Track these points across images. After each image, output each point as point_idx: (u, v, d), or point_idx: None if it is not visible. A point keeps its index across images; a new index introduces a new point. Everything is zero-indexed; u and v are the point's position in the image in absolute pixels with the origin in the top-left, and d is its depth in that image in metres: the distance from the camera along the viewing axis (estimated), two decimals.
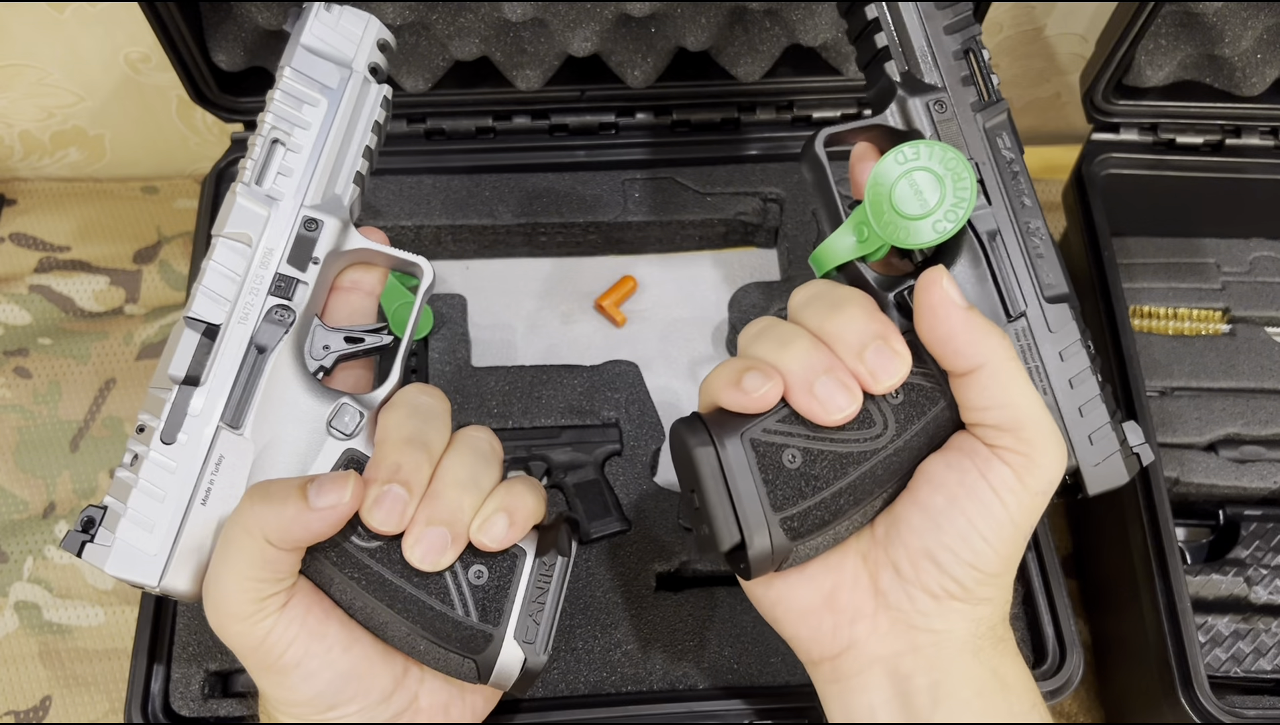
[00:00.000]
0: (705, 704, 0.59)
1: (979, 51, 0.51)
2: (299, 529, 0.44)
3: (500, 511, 0.46)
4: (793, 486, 0.45)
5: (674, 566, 0.63)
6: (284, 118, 0.50)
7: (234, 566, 0.44)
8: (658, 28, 0.70)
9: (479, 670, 0.47)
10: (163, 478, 0.47)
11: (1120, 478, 0.49)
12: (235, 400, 0.48)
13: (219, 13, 0.66)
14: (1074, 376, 0.48)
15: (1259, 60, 0.71)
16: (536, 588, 0.48)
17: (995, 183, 0.50)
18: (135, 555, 0.46)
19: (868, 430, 0.45)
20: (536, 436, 0.67)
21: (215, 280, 0.48)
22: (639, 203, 0.75)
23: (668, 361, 0.74)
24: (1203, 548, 0.69)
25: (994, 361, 0.44)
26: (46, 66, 0.82)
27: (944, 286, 0.44)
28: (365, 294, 0.53)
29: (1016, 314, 0.48)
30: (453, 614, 0.46)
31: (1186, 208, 0.77)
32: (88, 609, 0.73)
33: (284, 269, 0.49)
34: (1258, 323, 0.76)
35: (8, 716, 0.70)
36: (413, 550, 0.45)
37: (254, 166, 0.49)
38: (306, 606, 0.45)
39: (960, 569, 0.44)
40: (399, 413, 0.48)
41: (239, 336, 0.48)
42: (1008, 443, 0.44)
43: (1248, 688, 0.66)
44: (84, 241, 0.86)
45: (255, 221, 0.49)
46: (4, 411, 0.79)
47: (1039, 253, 0.49)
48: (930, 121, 0.50)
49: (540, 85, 0.72)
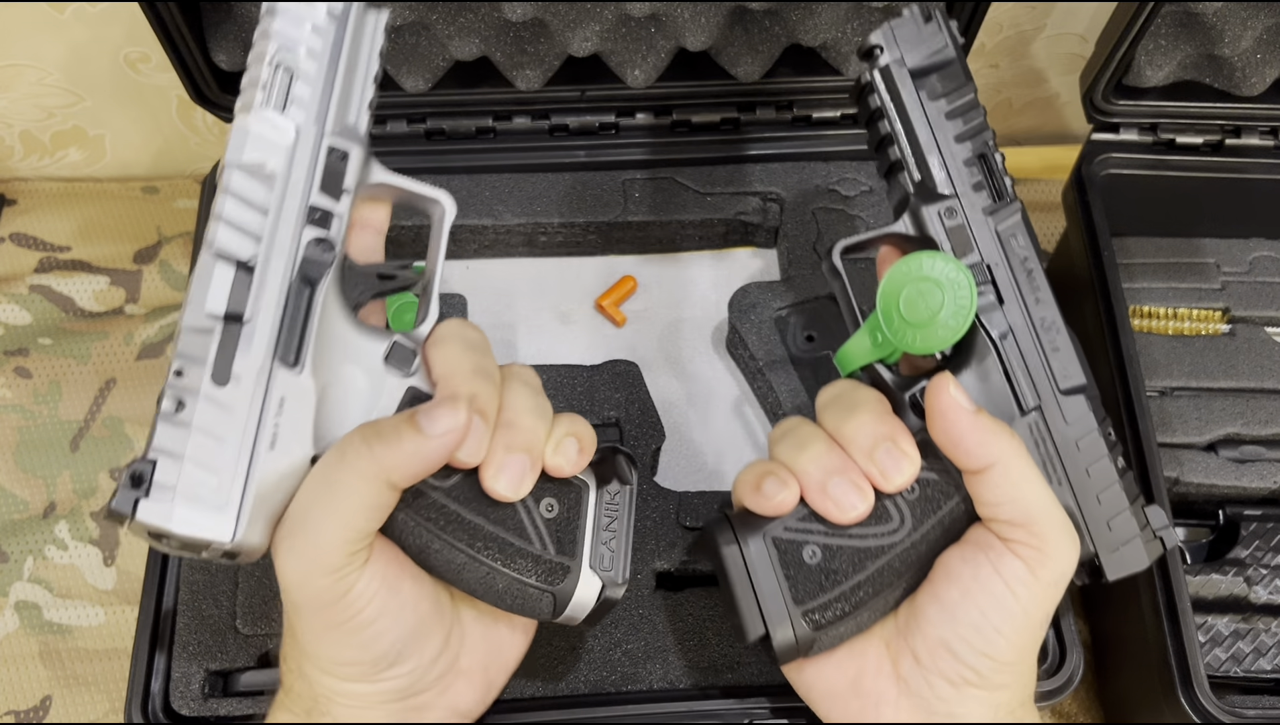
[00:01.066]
0: (705, 704, 0.59)
1: (991, 155, 0.52)
2: (418, 462, 0.43)
3: (570, 436, 0.47)
4: (814, 581, 0.48)
5: (674, 566, 0.63)
6: (289, 42, 0.46)
7: (338, 512, 0.42)
8: (658, 28, 0.70)
9: (556, 603, 0.47)
10: (220, 419, 0.42)
11: (1141, 563, 0.51)
12: (287, 337, 0.44)
13: (219, 13, 0.66)
14: (1091, 465, 0.50)
15: (1259, 60, 0.71)
16: (606, 516, 0.49)
17: (1009, 282, 0.51)
18: (202, 507, 0.41)
19: (885, 525, 0.48)
20: None
21: (237, 212, 0.45)
22: (639, 203, 0.75)
23: (668, 361, 0.74)
24: (1203, 548, 0.69)
25: (1004, 460, 0.46)
26: (46, 66, 0.82)
27: (950, 393, 0.46)
28: (375, 232, 0.52)
29: (1029, 409, 0.50)
30: (531, 548, 0.46)
31: (1186, 208, 0.77)
32: (88, 609, 0.73)
33: (316, 200, 0.46)
34: (1258, 323, 0.76)
35: (8, 716, 0.70)
36: (497, 479, 0.45)
37: (265, 93, 0.45)
38: (386, 560, 0.45)
39: (975, 658, 0.46)
40: (455, 346, 0.48)
41: (278, 270, 0.45)
42: (1020, 537, 0.46)
43: (1247, 688, 0.66)
44: (84, 241, 0.86)
45: (276, 149, 0.46)
46: (4, 411, 0.79)
47: (1054, 347, 0.51)
48: (942, 227, 0.52)
49: (540, 85, 0.72)
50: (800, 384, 0.69)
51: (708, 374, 0.74)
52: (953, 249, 0.52)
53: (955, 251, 0.52)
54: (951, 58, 0.53)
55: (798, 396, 0.69)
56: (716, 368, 0.74)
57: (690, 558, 0.63)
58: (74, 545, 0.75)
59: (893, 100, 0.53)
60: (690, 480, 0.70)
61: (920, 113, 0.52)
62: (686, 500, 0.65)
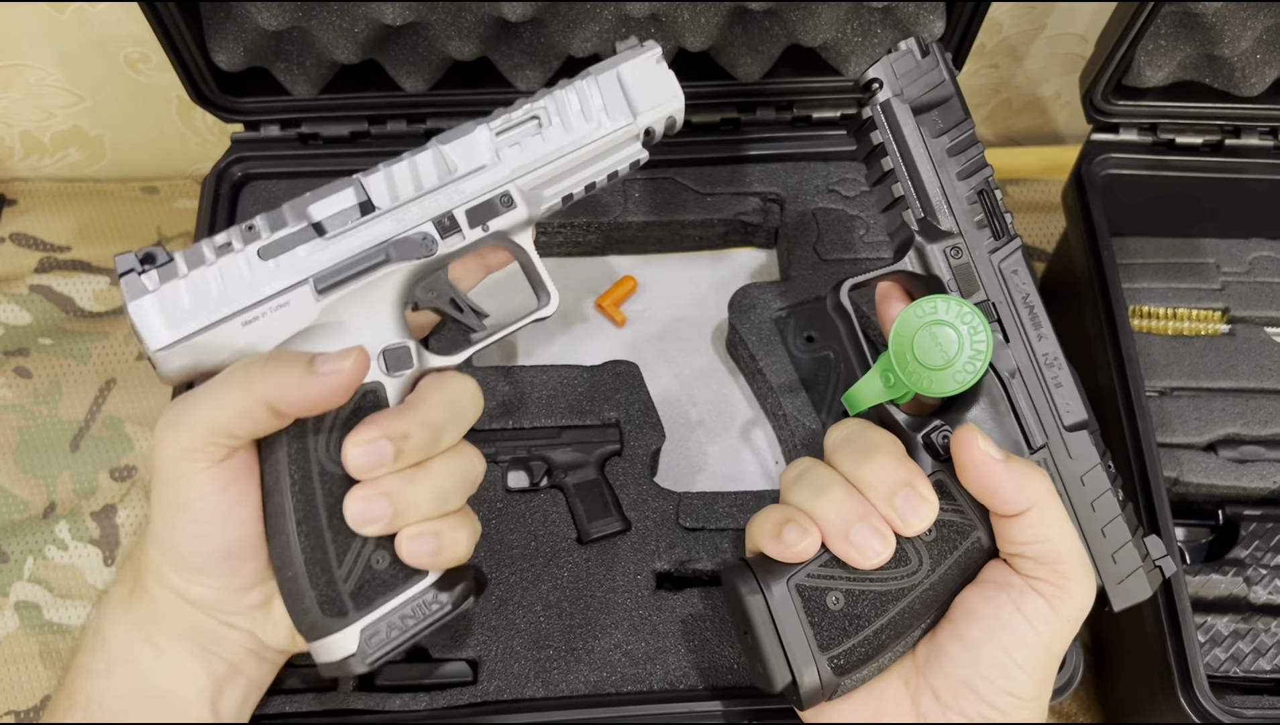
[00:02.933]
0: (705, 704, 0.59)
1: (990, 192, 0.52)
2: (294, 390, 0.45)
3: (435, 536, 0.47)
4: (837, 627, 0.48)
5: (674, 566, 0.63)
6: (560, 108, 0.52)
7: (216, 401, 0.45)
8: (658, 28, 0.70)
9: (314, 628, 0.47)
10: (235, 278, 0.47)
11: (1143, 593, 0.51)
12: (337, 272, 0.48)
13: (219, 13, 0.66)
14: (1095, 499, 0.51)
15: (1258, 60, 0.71)
16: (414, 610, 0.48)
17: (1012, 319, 0.52)
18: (159, 315, 0.46)
19: (904, 568, 0.49)
20: (536, 436, 0.67)
21: (403, 174, 0.50)
22: (639, 203, 0.75)
23: (668, 361, 0.75)
24: (1202, 548, 0.69)
25: (1040, 503, 0.47)
26: (46, 66, 0.82)
27: (980, 446, 0.47)
28: (483, 268, 0.56)
29: (1037, 447, 0.51)
30: (335, 571, 0.47)
31: (1186, 208, 0.77)
32: (88, 609, 0.73)
33: (459, 214, 0.51)
34: (1257, 323, 0.76)
35: (8, 716, 0.70)
36: (353, 503, 0.46)
37: (505, 121, 0.51)
38: (234, 475, 0.46)
39: (997, 696, 0.47)
40: (442, 397, 0.49)
41: (384, 229, 0.49)
42: (1044, 574, 0.47)
43: (1247, 688, 0.66)
44: (84, 241, 0.86)
45: (471, 159, 0.51)
46: (4, 411, 0.79)
47: (1057, 382, 0.51)
48: (948, 266, 0.52)
49: (540, 85, 0.72)
50: (800, 384, 0.69)
51: (708, 374, 0.74)
52: (959, 288, 0.52)
53: (961, 290, 0.52)
54: (950, 93, 0.52)
55: (797, 397, 0.69)
56: (716, 368, 0.74)
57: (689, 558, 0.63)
58: (74, 545, 0.75)
59: (894, 136, 0.52)
60: (690, 481, 0.70)
61: (923, 149, 0.52)
62: (686, 500, 0.65)
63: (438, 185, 0.50)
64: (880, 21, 0.71)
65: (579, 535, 0.64)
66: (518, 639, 0.60)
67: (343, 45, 0.68)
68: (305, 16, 0.67)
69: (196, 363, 0.47)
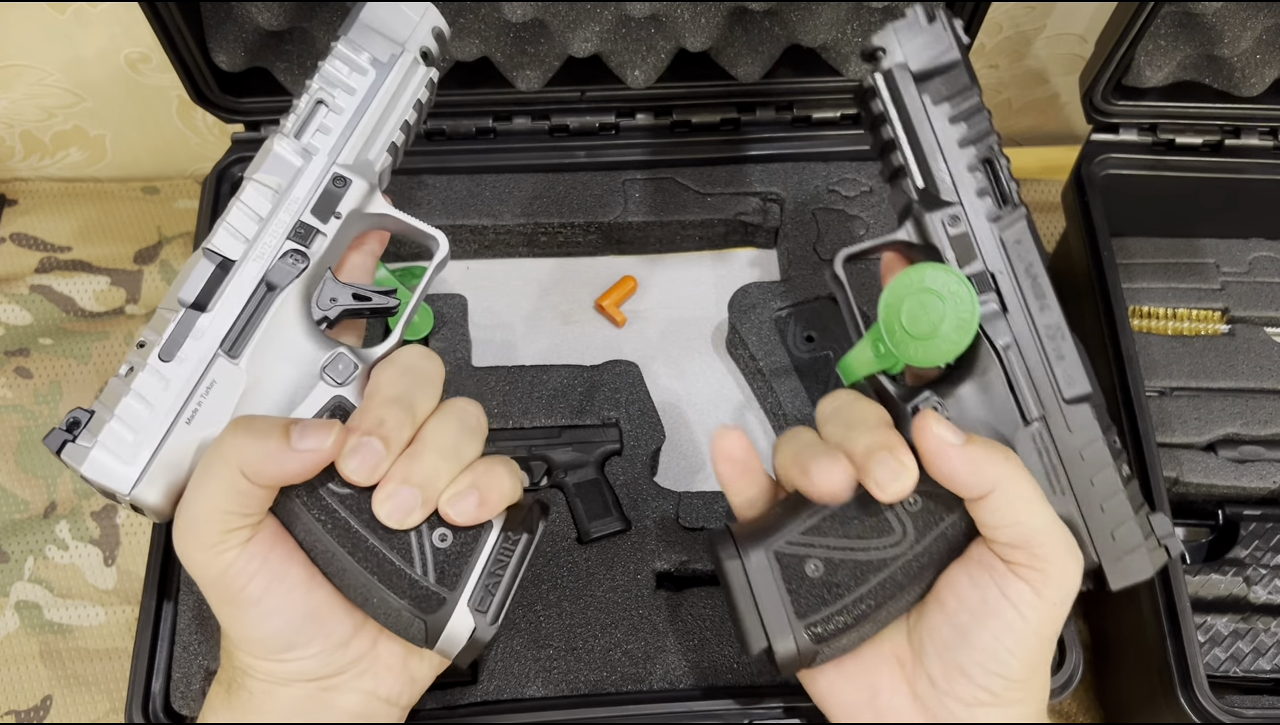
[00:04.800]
0: (705, 704, 0.59)
1: (996, 161, 0.51)
2: (275, 466, 0.44)
3: (473, 489, 0.47)
4: (816, 594, 0.48)
5: (674, 566, 0.63)
6: (331, 80, 0.52)
7: (206, 493, 0.45)
8: (658, 28, 0.70)
9: (427, 631, 0.47)
10: (154, 391, 0.48)
11: (1145, 572, 0.50)
12: (237, 331, 0.49)
13: (219, 13, 0.67)
14: (1095, 475, 0.49)
15: (1258, 60, 0.71)
16: (497, 560, 0.48)
17: (1013, 290, 0.51)
18: (112, 462, 0.47)
19: (887, 537, 0.48)
20: (536, 436, 0.67)
21: (239, 218, 0.50)
22: (639, 203, 0.75)
23: (668, 361, 0.75)
24: (1202, 548, 0.69)
25: (1000, 485, 0.46)
26: (47, 67, 0.82)
27: (935, 432, 0.46)
28: (368, 254, 0.55)
29: (1032, 419, 0.50)
30: (410, 571, 0.47)
31: (1186, 208, 0.77)
32: (88, 609, 0.73)
33: (306, 217, 0.51)
34: (1257, 323, 0.76)
35: (8, 716, 0.70)
36: (382, 505, 0.46)
37: (296, 120, 0.52)
38: (270, 545, 0.46)
39: (989, 679, 0.46)
40: (392, 371, 0.49)
41: (252, 272, 0.50)
42: (1021, 559, 0.46)
43: (1247, 687, 0.66)
44: (85, 242, 0.86)
45: (287, 170, 0.51)
46: (5, 411, 0.79)
47: (1059, 355, 0.50)
48: (945, 235, 0.51)
49: (540, 86, 0.72)
50: (800, 384, 0.69)
51: (708, 374, 0.74)
52: (956, 257, 0.51)
53: (959, 260, 0.51)
54: (956, 60, 0.52)
55: (797, 396, 0.69)
56: (716, 368, 0.74)
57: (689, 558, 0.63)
58: (74, 545, 0.75)
59: (895, 105, 0.52)
60: (690, 480, 0.70)
61: (924, 117, 0.51)
62: (686, 500, 0.65)
63: (273, 209, 0.51)
64: (880, 21, 0.71)
65: (579, 535, 0.64)
66: (518, 639, 0.60)
67: None
68: (305, 16, 0.67)
69: (171, 482, 0.47)
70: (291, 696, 0.47)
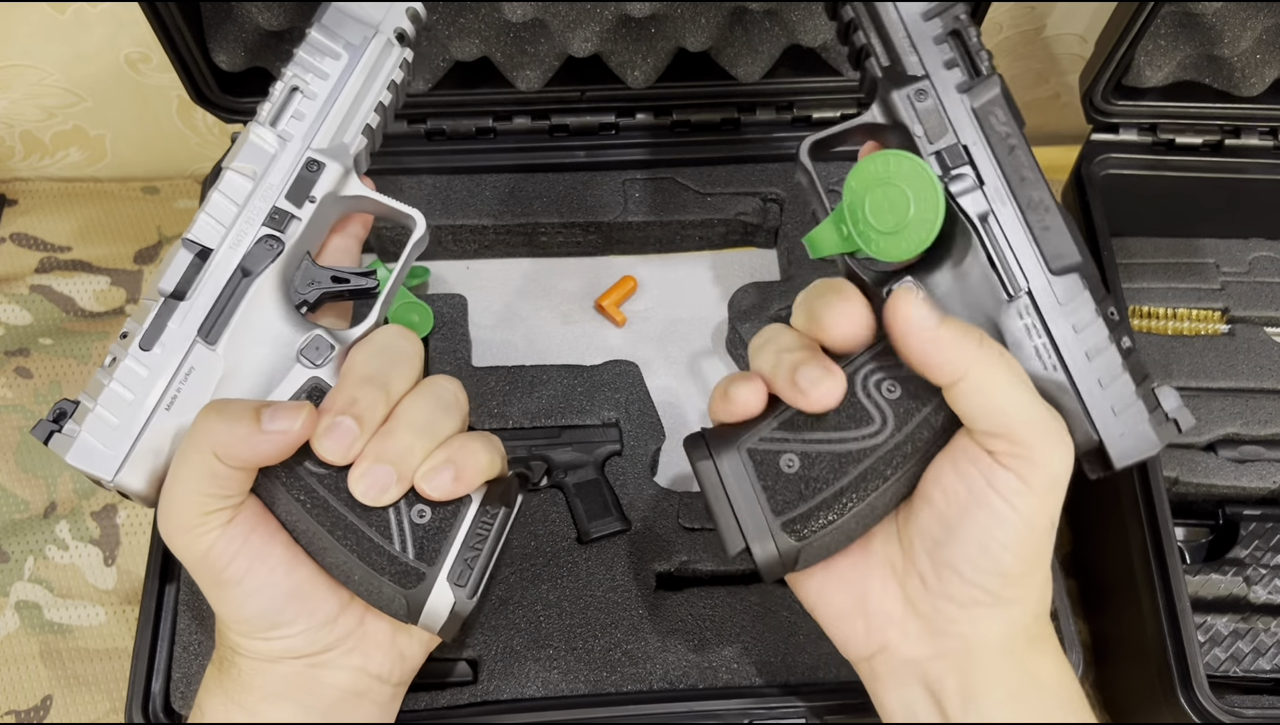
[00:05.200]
0: (705, 704, 0.59)
1: (965, 30, 0.49)
2: (247, 449, 0.45)
3: (448, 463, 0.47)
4: (792, 490, 0.46)
5: (674, 566, 0.63)
6: (305, 67, 0.53)
7: (183, 478, 0.45)
8: (658, 28, 0.70)
9: (409, 606, 0.47)
10: (134, 381, 0.49)
11: (1150, 447, 0.47)
12: (214, 317, 0.50)
13: (219, 13, 0.67)
14: (1090, 348, 0.47)
15: (1258, 60, 0.71)
16: (476, 534, 0.48)
17: (988, 161, 0.49)
18: (96, 449, 0.48)
19: (866, 428, 0.46)
20: (536, 436, 0.67)
21: (217, 207, 0.51)
22: (639, 203, 0.75)
23: (668, 361, 0.75)
24: (1202, 547, 0.70)
25: (972, 372, 0.44)
26: (47, 66, 0.82)
27: (903, 314, 0.45)
28: (353, 239, 0.56)
29: (1016, 293, 0.47)
30: (389, 548, 0.47)
31: (1186, 208, 0.77)
32: (88, 609, 0.73)
33: (281, 203, 0.52)
34: (1257, 323, 0.76)
35: (8, 716, 0.70)
36: (357, 483, 0.46)
37: (270, 108, 0.52)
38: (251, 525, 0.47)
39: (982, 577, 0.45)
40: (367, 350, 0.49)
41: (229, 260, 0.51)
42: (1003, 448, 0.44)
43: (1247, 687, 0.66)
44: (85, 242, 0.86)
45: (262, 157, 0.52)
46: (5, 411, 0.79)
47: (1044, 225, 0.48)
48: (913, 111, 0.49)
49: (540, 86, 0.72)
50: None
51: (708, 374, 0.74)
52: (925, 132, 0.49)
53: (929, 135, 0.49)
54: None
55: None
56: (716, 368, 0.74)
57: (690, 558, 0.63)
58: (74, 545, 0.75)
59: None
60: (690, 481, 0.70)
61: None
62: (686, 500, 0.65)
63: (249, 195, 0.51)
64: None
65: (579, 535, 0.64)
66: (518, 639, 0.60)
67: None
68: (305, 16, 0.67)
69: (154, 467, 0.48)
70: (280, 674, 0.48)
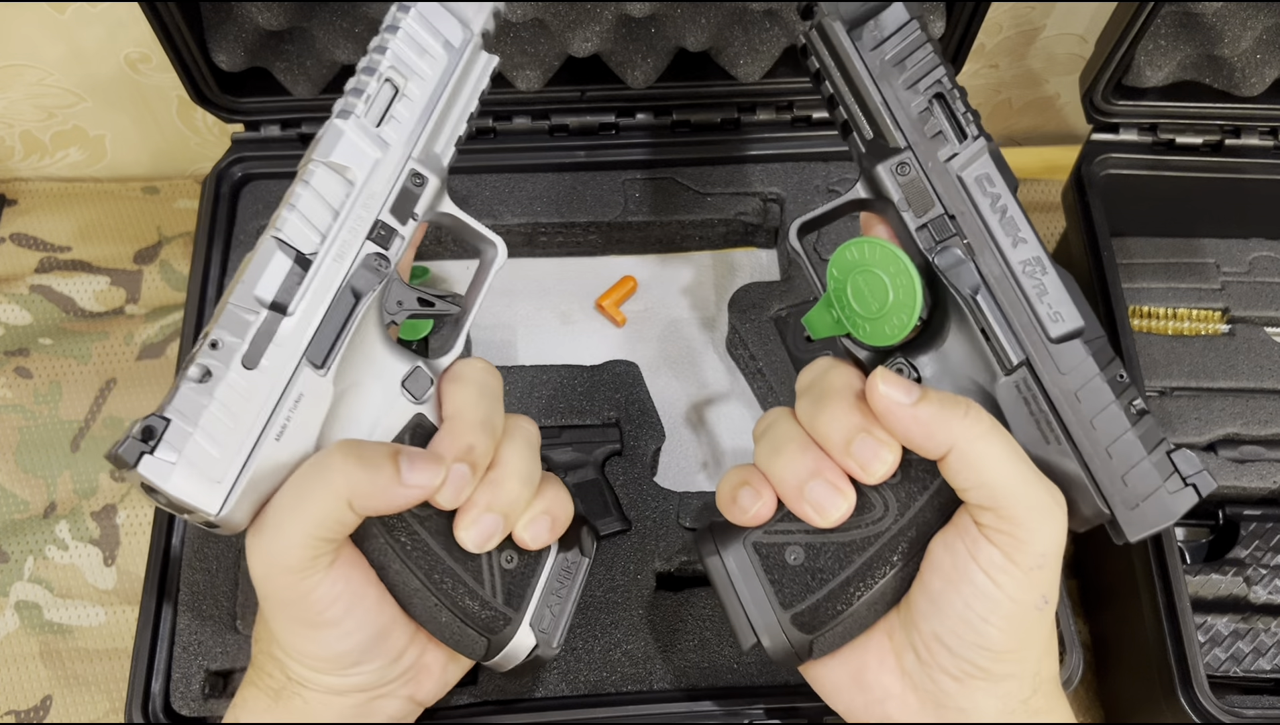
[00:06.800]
0: (705, 704, 0.59)
1: (949, 95, 0.48)
2: (383, 500, 0.44)
3: (545, 514, 0.48)
4: (799, 582, 0.47)
5: (674, 566, 0.63)
6: (403, 62, 0.47)
7: (304, 519, 0.43)
8: (658, 28, 0.70)
9: (490, 647, 0.48)
10: (239, 402, 0.43)
11: (1165, 517, 0.45)
12: (322, 340, 0.45)
13: (219, 13, 0.66)
14: (1095, 416, 0.45)
15: (1258, 60, 0.71)
16: (558, 581, 0.49)
17: (978, 230, 0.47)
18: (200, 477, 0.42)
19: (868, 514, 0.46)
20: None
21: (312, 206, 0.45)
22: (639, 203, 0.75)
23: (668, 361, 0.75)
24: (1202, 547, 0.70)
25: (959, 446, 0.43)
26: (47, 66, 0.82)
27: (880, 392, 0.44)
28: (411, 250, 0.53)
29: (1012, 366, 0.46)
30: (482, 592, 0.47)
31: (1186, 208, 0.77)
32: (88, 609, 0.73)
33: (386, 217, 0.47)
34: (1257, 323, 0.76)
35: (8, 716, 0.70)
36: (467, 531, 0.46)
37: (369, 103, 0.47)
38: (351, 566, 0.46)
39: (969, 650, 0.44)
40: (471, 391, 0.48)
41: (333, 273, 0.46)
42: (990, 522, 0.43)
43: (1247, 687, 0.66)
44: (85, 242, 0.86)
45: (363, 160, 0.47)
46: (5, 411, 0.79)
47: (1040, 290, 0.46)
48: (895, 185, 0.48)
49: (540, 86, 0.72)
50: None
51: (708, 374, 0.74)
52: (911, 206, 0.47)
53: (915, 208, 0.47)
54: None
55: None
56: (716, 368, 0.74)
57: (690, 558, 0.63)
58: (74, 545, 0.75)
59: (831, 58, 0.49)
60: (690, 480, 0.70)
61: (860, 66, 0.48)
62: (686, 500, 0.65)
63: (345, 199, 0.46)
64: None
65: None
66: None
67: (343, 45, 0.68)
68: (305, 16, 0.67)
69: (257, 499, 0.44)
70: (343, 705, 0.47)
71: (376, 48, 0.48)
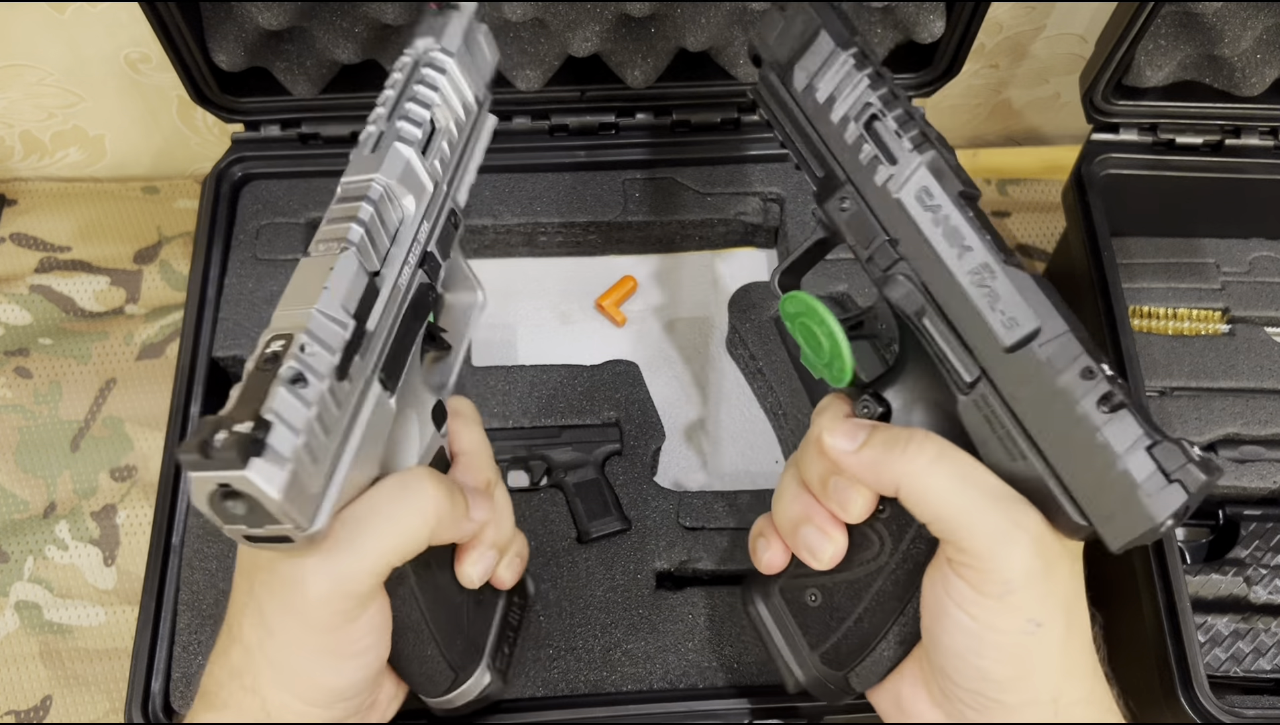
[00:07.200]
0: (705, 704, 0.59)
1: (882, 119, 0.45)
2: (454, 532, 0.46)
3: (518, 556, 0.51)
4: (821, 622, 0.48)
5: (674, 566, 0.63)
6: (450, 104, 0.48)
7: (386, 539, 0.42)
8: (658, 28, 0.70)
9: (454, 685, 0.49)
10: (330, 415, 0.40)
11: (1145, 522, 0.40)
12: (391, 361, 0.44)
13: (219, 13, 0.66)
14: (1060, 422, 0.41)
15: (1259, 60, 0.71)
16: (510, 621, 0.51)
17: (921, 250, 0.44)
18: (302, 487, 0.38)
19: (867, 551, 0.47)
20: (536, 436, 0.67)
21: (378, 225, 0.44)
22: (639, 203, 0.75)
23: (668, 361, 0.74)
24: (1202, 547, 0.69)
25: (903, 483, 0.43)
26: (46, 66, 0.82)
27: (826, 443, 0.45)
28: None
29: (966, 385, 0.44)
30: (464, 628, 0.49)
31: (1186, 208, 0.77)
32: (88, 609, 0.73)
33: (433, 248, 0.47)
34: (1257, 323, 0.76)
35: (8, 716, 0.70)
36: (474, 566, 0.48)
37: (422, 136, 0.46)
38: (384, 600, 0.45)
39: (973, 683, 0.43)
40: (477, 429, 0.52)
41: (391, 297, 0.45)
42: (953, 554, 0.42)
43: (1247, 687, 0.66)
44: (84, 241, 0.86)
45: (419, 187, 0.46)
46: (4, 411, 0.79)
47: (993, 296, 0.43)
48: (842, 221, 0.47)
49: (540, 85, 0.72)
50: (800, 384, 0.69)
51: (708, 374, 0.74)
52: (855, 241, 0.47)
53: (860, 241, 0.46)
54: (816, 27, 0.46)
55: (797, 396, 0.69)
56: (716, 368, 0.74)
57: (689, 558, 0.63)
58: (74, 545, 0.75)
59: (776, 105, 0.49)
60: (690, 480, 0.70)
61: (795, 111, 0.47)
62: (686, 500, 0.65)
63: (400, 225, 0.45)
64: (880, 21, 0.71)
65: (579, 535, 0.64)
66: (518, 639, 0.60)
67: (343, 45, 0.68)
68: (305, 16, 0.67)
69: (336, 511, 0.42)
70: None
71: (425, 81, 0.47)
